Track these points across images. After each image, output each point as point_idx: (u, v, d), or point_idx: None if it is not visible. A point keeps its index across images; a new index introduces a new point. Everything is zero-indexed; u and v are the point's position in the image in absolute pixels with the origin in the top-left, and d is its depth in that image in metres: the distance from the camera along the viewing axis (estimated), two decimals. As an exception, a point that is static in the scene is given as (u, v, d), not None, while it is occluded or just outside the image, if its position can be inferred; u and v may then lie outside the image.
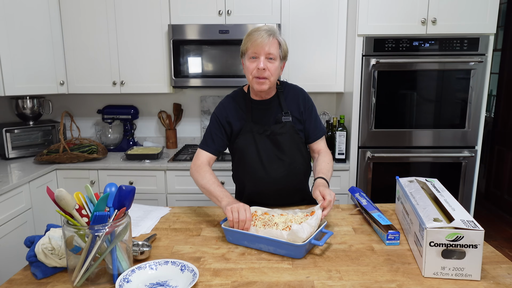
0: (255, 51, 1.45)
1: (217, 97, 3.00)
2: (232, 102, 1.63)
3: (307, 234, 1.19)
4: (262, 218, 1.34)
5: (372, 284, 1.05)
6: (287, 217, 1.34)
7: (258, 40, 1.43)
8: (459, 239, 1.03)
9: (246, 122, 1.59)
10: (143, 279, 1.05)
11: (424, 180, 1.45)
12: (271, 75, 1.47)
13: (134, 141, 2.98)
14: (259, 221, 1.32)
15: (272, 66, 1.47)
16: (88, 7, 2.60)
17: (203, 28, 2.52)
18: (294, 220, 1.31)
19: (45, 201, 2.33)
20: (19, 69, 2.42)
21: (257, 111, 1.60)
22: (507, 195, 3.80)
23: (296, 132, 1.61)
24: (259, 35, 1.43)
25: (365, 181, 2.50)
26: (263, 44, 1.43)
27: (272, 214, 1.39)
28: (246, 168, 1.63)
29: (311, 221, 1.24)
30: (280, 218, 1.34)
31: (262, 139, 1.59)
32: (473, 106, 2.40)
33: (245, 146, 1.60)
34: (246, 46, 1.48)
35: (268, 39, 1.43)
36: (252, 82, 1.51)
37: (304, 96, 1.65)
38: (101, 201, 1.02)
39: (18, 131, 2.65)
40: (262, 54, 1.45)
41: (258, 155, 1.59)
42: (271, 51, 1.45)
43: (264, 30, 1.45)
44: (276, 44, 1.46)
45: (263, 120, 1.59)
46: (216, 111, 1.64)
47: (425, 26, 2.33)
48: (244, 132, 1.60)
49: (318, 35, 2.60)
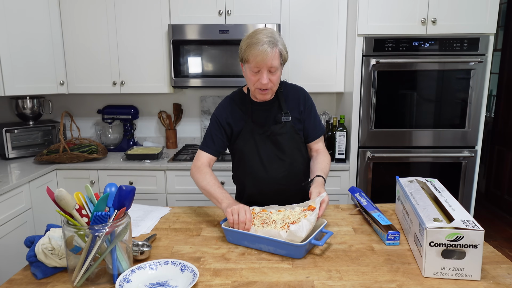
0: (257, 66, 1.42)
1: (217, 97, 3.00)
2: (231, 103, 1.63)
3: (306, 231, 1.19)
4: (260, 216, 1.34)
5: (372, 284, 1.05)
6: (284, 213, 1.34)
7: (259, 56, 1.38)
8: (459, 239, 1.03)
9: (246, 123, 1.60)
10: (143, 279, 1.05)
11: (424, 180, 1.45)
12: (273, 85, 1.48)
13: (134, 141, 2.98)
14: (257, 219, 1.32)
15: (274, 77, 1.46)
16: (88, 7, 2.60)
17: (203, 28, 2.52)
18: (292, 216, 1.30)
19: (45, 201, 2.33)
20: (19, 69, 2.42)
21: (257, 112, 1.60)
22: (507, 195, 3.80)
23: (296, 132, 1.61)
24: (261, 50, 1.38)
25: (365, 181, 2.50)
26: (265, 60, 1.39)
27: (270, 211, 1.39)
28: (246, 169, 1.63)
29: (311, 217, 1.23)
30: (278, 215, 1.33)
31: (262, 139, 1.59)
32: (473, 106, 2.40)
33: (245, 146, 1.60)
34: (247, 57, 1.42)
35: (271, 52, 1.39)
36: (254, 92, 1.52)
37: (304, 95, 1.65)
38: (101, 201, 1.02)
39: (18, 131, 2.65)
40: (264, 68, 1.42)
41: (258, 155, 1.60)
42: (273, 65, 1.42)
43: (266, 43, 1.38)
44: (278, 55, 1.42)
45: (263, 120, 1.60)
46: (216, 112, 1.63)
47: (425, 26, 2.33)
48: (244, 132, 1.60)
49: (318, 35, 2.60)
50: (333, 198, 2.51)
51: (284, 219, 1.30)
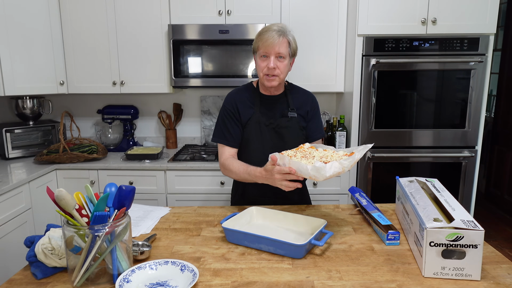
0: (266, 51, 1.52)
1: (217, 97, 3.00)
2: (241, 93, 1.69)
3: (332, 173, 1.20)
4: (304, 151, 1.39)
5: (372, 284, 1.05)
6: (327, 153, 1.37)
7: (268, 40, 1.49)
8: (459, 239, 1.03)
9: (254, 113, 1.65)
10: (143, 279, 1.05)
11: (424, 180, 1.45)
12: (280, 72, 1.55)
13: (134, 141, 2.98)
14: (300, 153, 1.37)
15: (281, 65, 1.54)
16: (88, 7, 2.60)
17: (203, 28, 2.52)
18: (330, 157, 1.32)
19: (45, 201, 2.33)
20: (19, 69, 2.42)
21: (265, 104, 1.66)
22: (507, 195, 3.80)
23: (300, 128, 1.66)
24: (269, 36, 1.49)
25: (365, 181, 2.50)
26: (273, 44, 1.49)
27: (316, 149, 1.43)
28: (248, 157, 1.66)
29: (345, 162, 1.23)
30: (319, 153, 1.37)
31: (268, 130, 1.64)
32: (473, 106, 2.40)
33: (250, 135, 1.65)
34: (258, 45, 1.54)
35: (278, 39, 1.49)
36: (262, 79, 1.58)
37: (312, 98, 1.72)
38: (101, 201, 1.02)
39: (18, 131, 2.65)
40: (272, 53, 1.51)
41: (261, 145, 1.64)
42: (280, 51, 1.51)
43: (275, 30, 1.50)
44: (286, 43, 1.52)
45: (270, 113, 1.65)
46: (225, 103, 1.67)
47: (425, 26, 2.33)
48: (251, 122, 1.65)
49: (318, 35, 2.60)
50: (333, 198, 2.52)
51: (323, 158, 1.32)
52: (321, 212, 1.58)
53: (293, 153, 1.41)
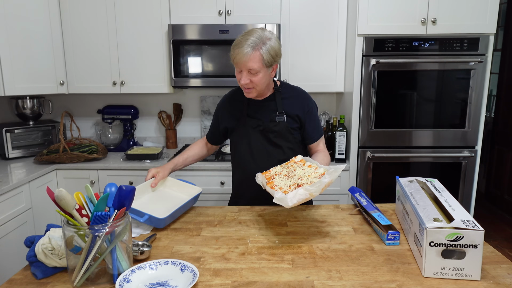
0: (237, 66, 1.50)
1: (217, 97, 3.00)
2: (232, 96, 1.74)
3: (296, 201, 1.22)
4: (290, 167, 1.43)
5: (372, 284, 1.05)
6: (309, 170, 1.38)
7: (237, 56, 1.46)
8: (459, 239, 1.03)
9: (242, 117, 1.65)
10: (143, 279, 1.05)
11: (424, 180, 1.45)
12: (256, 85, 1.52)
13: (134, 141, 2.98)
14: (286, 169, 1.43)
15: (256, 78, 1.50)
16: (88, 7, 2.60)
17: (203, 28, 2.52)
18: (309, 177, 1.34)
19: (45, 201, 2.33)
20: (19, 69, 2.42)
21: (253, 108, 1.66)
22: (507, 195, 3.80)
23: (290, 131, 1.63)
24: (239, 52, 1.44)
25: (365, 181, 2.50)
26: (242, 61, 1.45)
27: (304, 163, 1.44)
28: (237, 161, 1.71)
29: (311, 188, 1.24)
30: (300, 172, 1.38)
31: (255, 133, 1.64)
32: (473, 106, 2.40)
33: (238, 139, 1.67)
34: (231, 57, 1.51)
35: (248, 55, 1.43)
36: (242, 89, 1.59)
37: (306, 99, 1.68)
38: (101, 201, 1.02)
39: (18, 131, 2.65)
40: (244, 69, 1.48)
41: (249, 148, 1.65)
42: (252, 67, 1.46)
43: (246, 45, 1.43)
44: (258, 58, 1.45)
45: (258, 115, 1.65)
46: (218, 103, 1.80)
47: (425, 26, 2.33)
48: (239, 126, 1.66)
49: (318, 35, 2.60)
50: (333, 198, 2.51)
51: (301, 177, 1.34)
52: (321, 212, 1.59)
53: (280, 169, 1.43)
